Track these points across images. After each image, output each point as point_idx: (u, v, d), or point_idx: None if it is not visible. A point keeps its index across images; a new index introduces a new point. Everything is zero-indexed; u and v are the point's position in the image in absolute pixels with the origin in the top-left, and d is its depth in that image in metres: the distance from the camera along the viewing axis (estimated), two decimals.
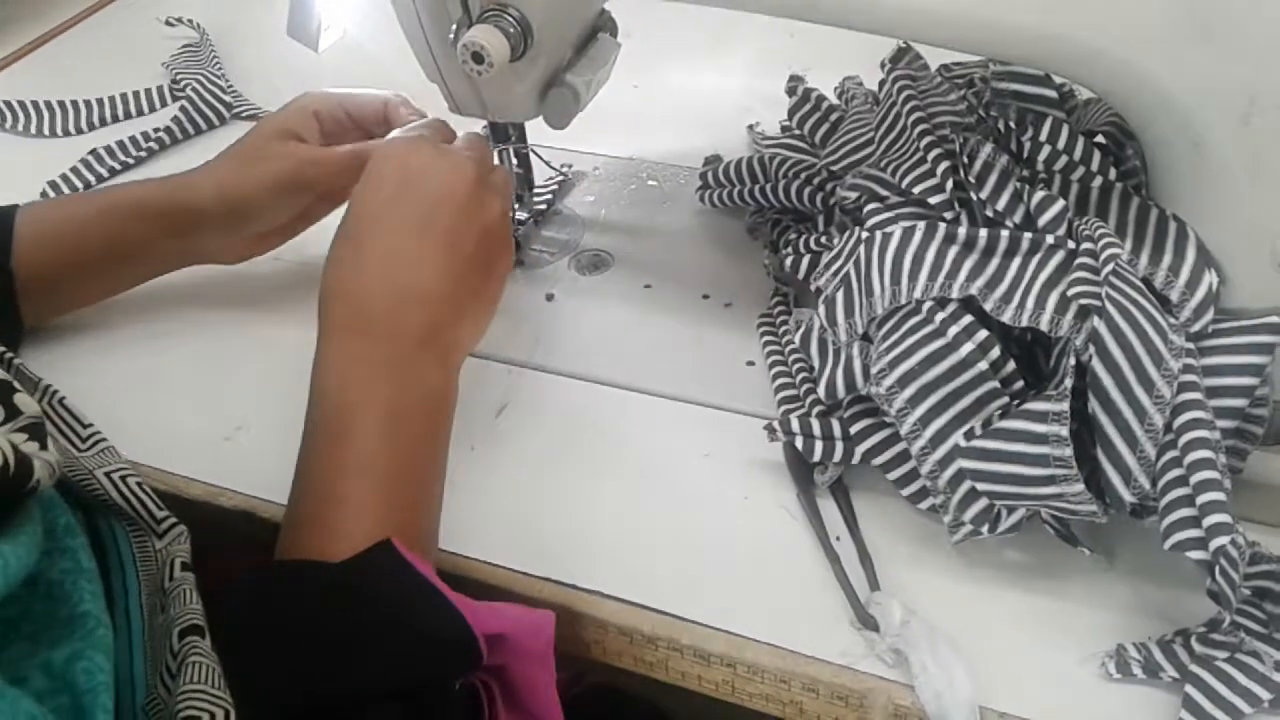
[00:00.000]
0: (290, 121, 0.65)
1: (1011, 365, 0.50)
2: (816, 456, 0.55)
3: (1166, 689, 0.47)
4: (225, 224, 0.65)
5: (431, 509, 0.51)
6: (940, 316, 0.51)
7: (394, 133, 0.62)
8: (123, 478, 0.50)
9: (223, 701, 0.38)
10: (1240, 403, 0.49)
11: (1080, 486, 0.47)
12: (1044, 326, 0.49)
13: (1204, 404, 0.48)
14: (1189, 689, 0.46)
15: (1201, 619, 0.48)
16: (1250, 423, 0.51)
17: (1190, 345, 0.49)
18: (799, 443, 0.55)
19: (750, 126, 0.82)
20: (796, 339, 0.58)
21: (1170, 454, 0.47)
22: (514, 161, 0.71)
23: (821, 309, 0.56)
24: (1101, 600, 0.51)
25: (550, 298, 0.69)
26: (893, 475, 0.54)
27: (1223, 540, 0.44)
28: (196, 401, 0.64)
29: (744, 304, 0.67)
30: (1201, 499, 0.45)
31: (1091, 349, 0.47)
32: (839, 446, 0.55)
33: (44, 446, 0.38)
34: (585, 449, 0.60)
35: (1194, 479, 0.46)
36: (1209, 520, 0.45)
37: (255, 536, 0.58)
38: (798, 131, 0.75)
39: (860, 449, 0.54)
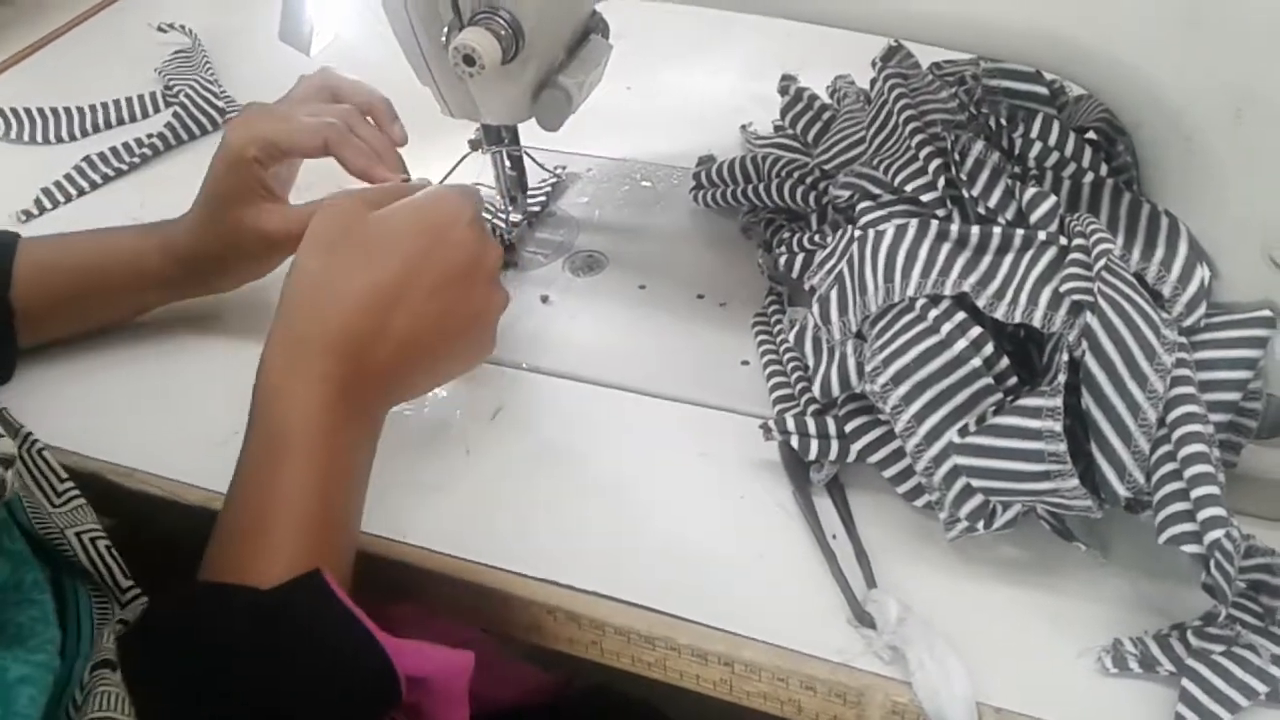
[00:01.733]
0: (239, 187, 0.63)
1: (1005, 362, 0.50)
2: (812, 455, 0.55)
3: (1163, 683, 0.47)
4: (217, 274, 0.67)
5: (352, 547, 0.51)
6: (934, 313, 0.51)
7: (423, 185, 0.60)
8: (93, 540, 0.51)
9: None
10: (1233, 396, 0.49)
11: (1075, 481, 0.47)
12: (1037, 323, 0.49)
13: (1197, 398, 0.48)
14: (1185, 682, 0.46)
15: (1197, 613, 0.48)
16: (1244, 416, 0.51)
17: (1183, 340, 0.49)
18: (794, 441, 0.55)
19: (743, 126, 0.82)
20: (791, 338, 0.58)
21: (1164, 448, 0.47)
22: (507, 163, 0.71)
23: (815, 307, 0.56)
24: (1097, 595, 0.51)
25: (545, 299, 0.69)
26: (888, 473, 0.54)
27: (1217, 534, 0.44)
28: (194, 407, 0.64)
29: (738, 304, 0.68)
30: (1196, 493, 0.45)
31: (1084, 344, 0.47)
32: (834, 445, 0.55)
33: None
34: (581, 450, 0.60)
35: (1188, 473, 0.46)
36: (1203, 514, 0.45)
37: None
38: (790, 131, 0.75)
39: (855, 447, 0.54)
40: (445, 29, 0.58)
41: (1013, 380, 0.50)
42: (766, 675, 0.50)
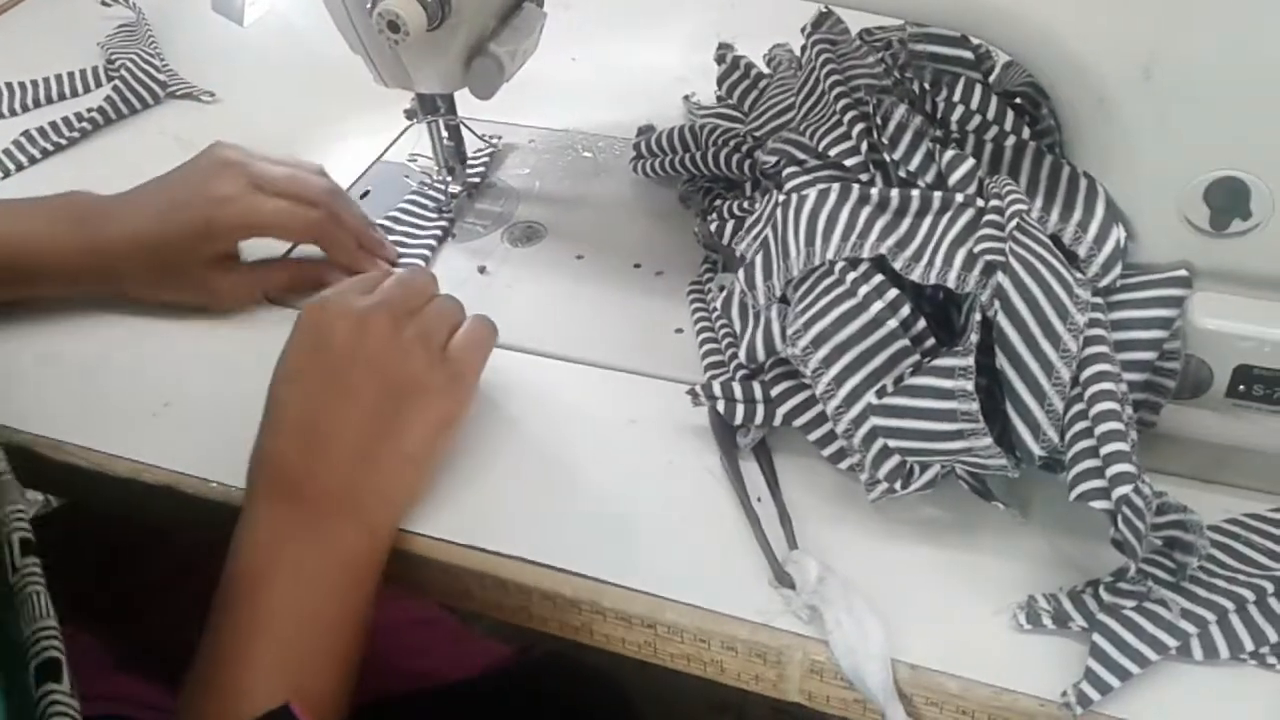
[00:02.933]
0: (207, 253, 0.64)
1: (922, 323, 0.51)
2: (738, 420, 0.55)
3: (1077, 639, 0.48)
4: (143, 293, 0.66)
5: (342, 668, 0.51)
6: (851, 276, 0.51)
7: (323, 292, 0.58)
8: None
9: None
10: (1149, 355, 0.50)
11: (988, 440, 0.47)
12: (951, 283, 0.49)
13: (1111, 358, 0.48)
14: (1096, 637, 0.46)
15: (1094, 573, 0.49)
16: (1161, 375, 0.51)
17: (1099, 300, 0.49)
18: (720, 406, 0.55)
19: (686, 97, 0.82)
20: (719, 304, 0.58)
21: (1077, 407, 0.48)
22: (444, 134, 0.71)
23: (741, 273, 0.56)
24: (1016, 553, 0.51)
25: (483, 270, 0.69)
26: (813, 436, 0.54)
27: (1125, 489, 0.45)
28: (123, 379, 0.64)
29: (675, 272, 0.68)
30: (1105, 449, 0.46)
31: (997, 304, 0.47)
32: (760, 409, 0.55)
33: None
34: (512, 418, 0.60)
35: (1098, 430, 0.46)
36: (1111, 470, 0.45)
37: (177, 514, 0.58)
38: (730, 101, 0.75)
39: (781, 411, 0.55)
40: None
41: (930, 342, 0.51)
42: (689, 637, 0.50)
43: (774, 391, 0.55)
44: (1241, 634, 0.47)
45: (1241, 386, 0.51)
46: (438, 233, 0.71)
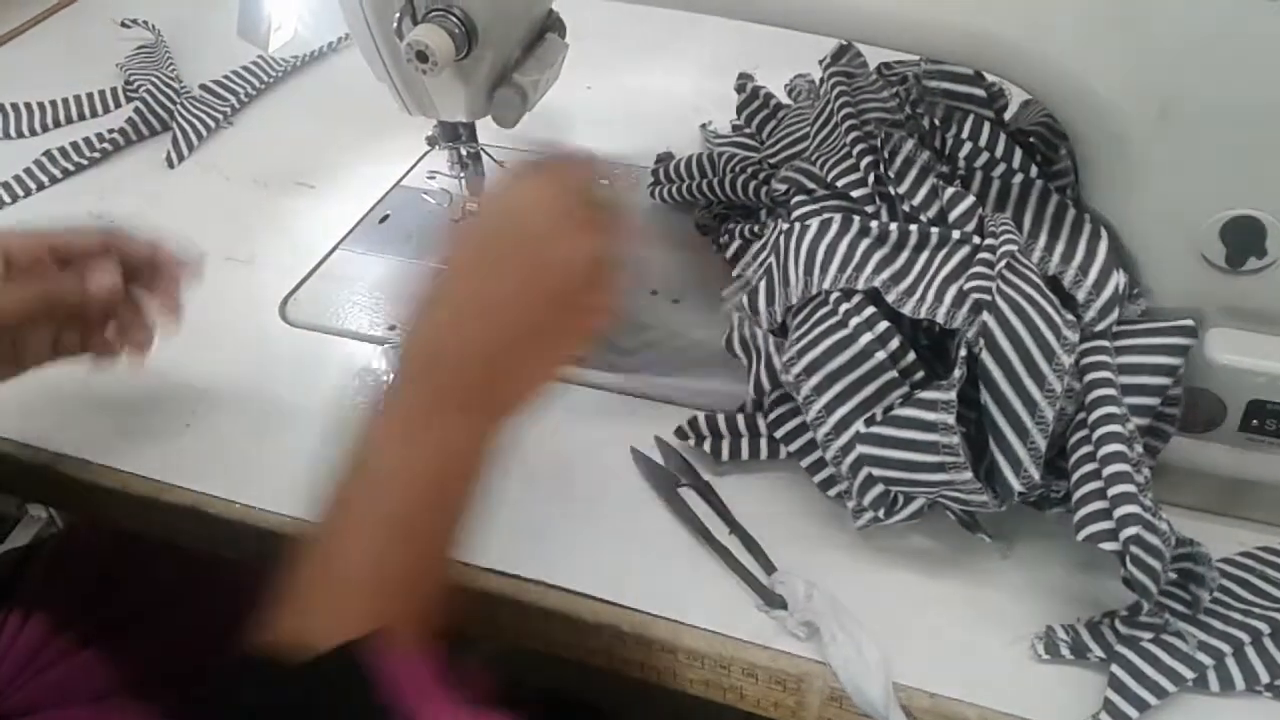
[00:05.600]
0: None
1: (912, 356, 0.51)
2: (724, 456, 0.57)
3: (1094, 670, 0.48)
4: None
5: (434, 572, 0.47)
6: (845, 307, 0.52)
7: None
8: None
9: None
10: (1153, 401, 0.50)
11: (969, 474, 0.48)
12: (940, 319, 0.50)
13: (1118, 399, 0.49)
14: (1114, 668, 0.47)
15: (1112, 603, 0.49)
16: (1162, 421, 0.52)
17: (1105, 343, 0.50)
18: (707, 445, 0.57)
19: (703, 125, 0.83)
20: (723, 341, 0.59)
21: (1085, 449, 0.48)
22: (465, 162, 0.72)
23: (745, 297, 0.57)
24: (1008, 584, 0.52)
25: None
26: (805, 462, 0.55)
27: (1133, 529, 0.45)
28: (146, 398, 0.64)
29: (692, 299, 0.68)
30: (1113, 490, 0.46)
31: (982, 342, 0.48)
32: (745, 443, 0.57)
33: None
34: (529, 443, 0.59)
35: (1106, 471, 0.47)
36: (1119, 511, 0.46)
37: (200, 533, 0.58)
38: (748, 129, 0.76)
39: (778, 434, 0.56)
40: (396, 18, 0.58)
41: (920, 375, 0.51)
42: (709, 663, 0.51)
43: (771, 416, 0.56)
44: (1257, 666, 0.47)
45: (1254, 421, 0.52)
46: None
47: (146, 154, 0.85)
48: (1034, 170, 0.56)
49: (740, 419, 0.57)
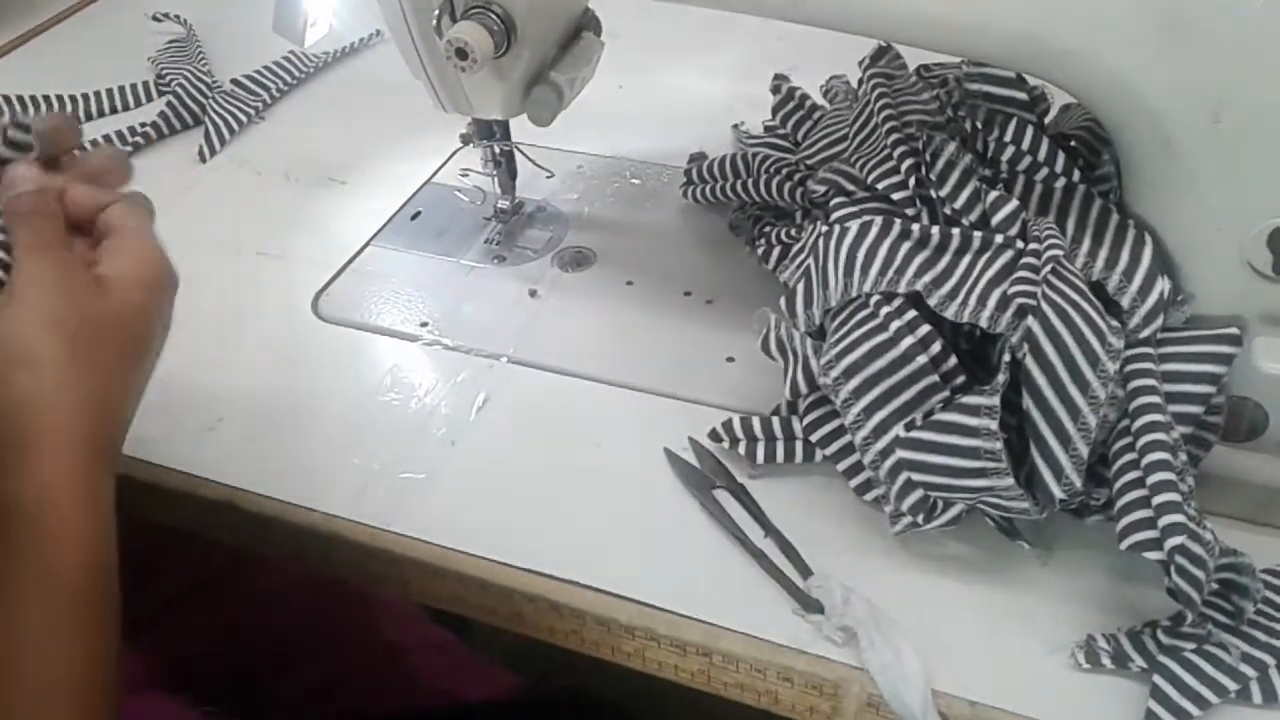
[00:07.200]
0: None
1: (953, 360, 0.51)
2: (759, 459, 0.56)
3: (1136, 679, 0.48)
4: None
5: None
6: (885, 310, 0.51)
7: None
8: None
9: None
10: (1196, 409, 0.50)
11: (1010, 480, 0.47)
12: (983, 323, 0.49)
13: (1162, 407, 0.48)
14: (1157, 679, 0.46)
15: (1152, 613, 0.49)
16: (1204, 430, 0.51)
17: (1149, 350, 0.50)
18: (741, 448, 0.57)
19: (735, 126, 0.83)
20: (759, 343, 0.59)
21: (1128, 456, 0.48)
22: (498, 160, 0.72)
23: (783, 300, 0.57)
24: (1047, 591, 0.51)
25: (533, 293, 0.70)
26: (841, 466, 0.55)
27: (1178, 539, 0.45)
28: (180, 392, 0.64)
29: (725, 301, 0.68)
30: (1157, 499, 0.46)
31: (1026, 347, 0.48)
32: (780, 446, 0.56)
33: None
34: (564, 442, 0.60)
35: (1150, 480, 0.46)
36: (1164, 520, 0.45)
37: (235, 527, 0.58)
38: (781, 130, 0.76)
39: (814, 438, 0.56)
40: (435, 15, 0.58)
41: (961, 379, 0.51)
42: (744, 666, 0.50)
43: (807, 419, 0.55)
44: None
45: None
46: None
47: (179, 148, 0.85)
48: (1077, 175, 0.55)
49: (775, 422, 0.57)
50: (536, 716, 0.80)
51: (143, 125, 0.85)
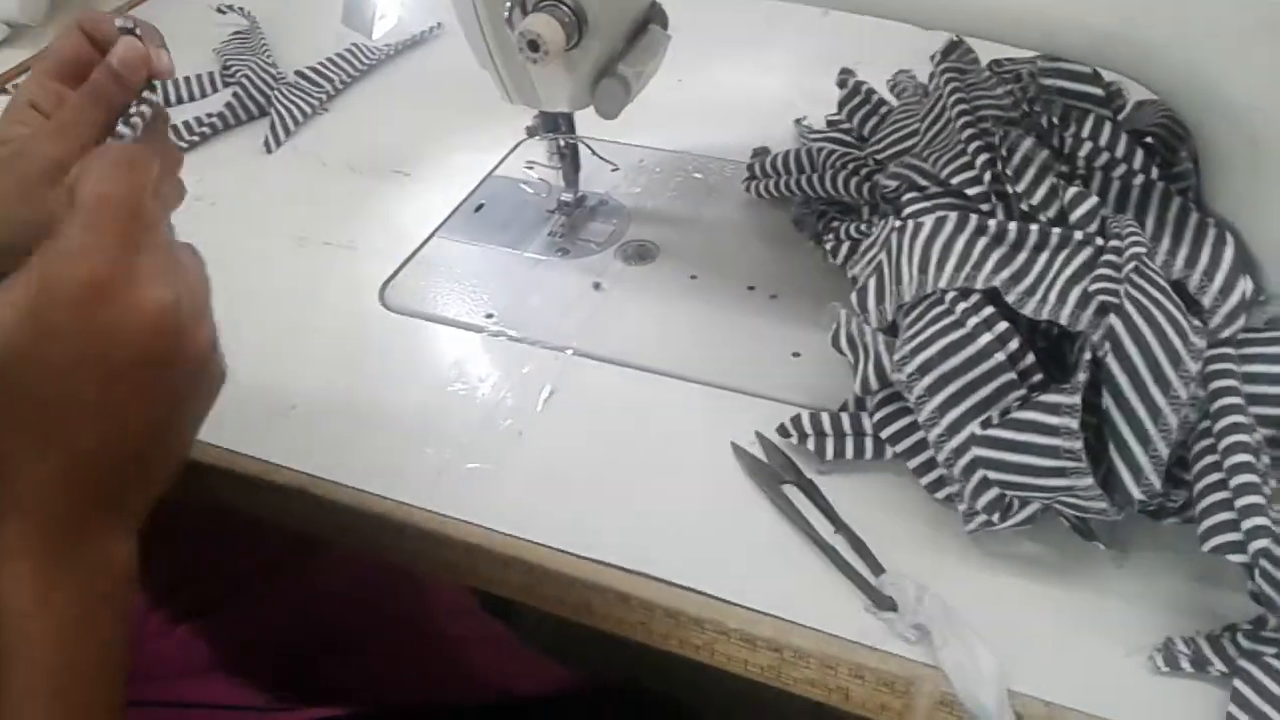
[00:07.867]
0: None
1: (1031, 358, 0.50)
2: (828, 455, 0.56)
3: (1212, 683, 0.47)
4: None
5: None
6: (962, 307, 0.51)
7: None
8: None
9: None
10: (1278, 411, 0.49)
11: (1090, 480, 0.47)
12: (1064, 321, 0.49)
13: (1244, 408, 0.48)
14: (1238, 683, 0.46)
15: (1225, 618, 0.48)
16: None
17: (1231, 350, 0.49)
18: (811, 443, 0.56)
19: (797, 121, 0.82)
20: (829, 338, 0.59)
21: (1210, 458, 0.47)
22: (563, 152, 0.72)
23: (854, 295, 0.57)
24: (1121, 593, 0.51)
25: (597, 286, 0.70)
26: (912, 463, 0.54)
27: (1263, 542, 0.44)
28: (252, 379, 0.65)
29: (790, 296, 0.68)
30: (1240, 501, 0.45)
31: (1108, 345, 0.47)
32: (850, 443, 0.56)
33: None
34: (629, 434, 0.60)
35: (1233, 482, 0.46)
36: (1248, 523, 0.45)
37: (306, 514, 0.59)
38: (846, 125, 0.75)
39: (884, 434, 0.55)
40: (507, 7, 0.58)
41: (1038, 377, 0.50)
42: (815, 663, 0.50)
43: (877, 416, 0.55)
44: None
45: None
46: None
47: (244, 138, 0.86)
48: (1155, 172, 0.54)
49: (845, 418, 0.57)
50: (597, 711, 0.80)
51: (209, 115, 0.86)
